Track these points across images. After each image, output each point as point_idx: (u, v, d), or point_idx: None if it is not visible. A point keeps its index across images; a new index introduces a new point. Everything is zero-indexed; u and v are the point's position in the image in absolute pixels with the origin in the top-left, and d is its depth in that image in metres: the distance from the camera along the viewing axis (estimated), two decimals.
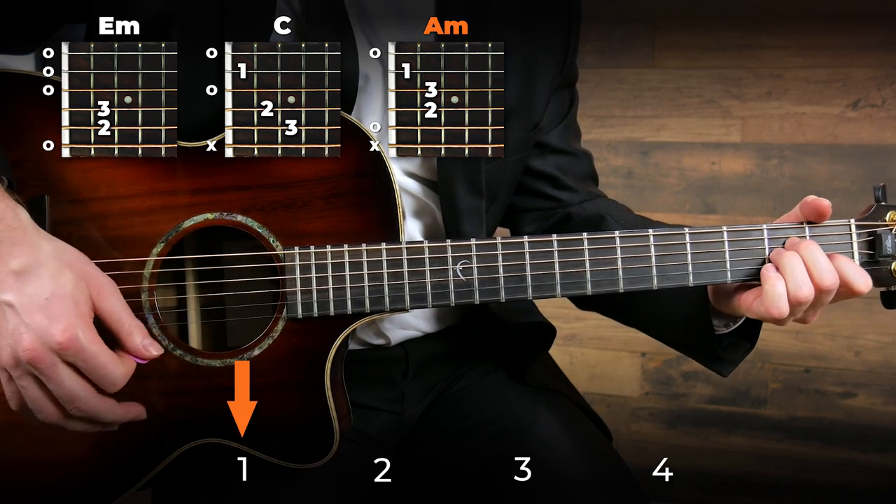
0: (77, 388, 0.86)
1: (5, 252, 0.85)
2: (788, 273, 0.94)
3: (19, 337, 0.84)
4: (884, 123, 2.23)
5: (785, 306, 0.94)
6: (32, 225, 0.87)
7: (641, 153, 2.41)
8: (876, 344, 2.28)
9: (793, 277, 0.93)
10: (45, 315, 0.84)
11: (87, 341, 0.85)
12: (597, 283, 0.97)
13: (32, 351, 0.83)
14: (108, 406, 0.89)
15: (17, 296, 0.84)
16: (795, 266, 0.94)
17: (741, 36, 2.30)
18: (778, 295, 0.93)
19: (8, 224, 0.85)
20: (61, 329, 0.83)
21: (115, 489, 0.98)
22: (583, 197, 1.24)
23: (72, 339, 0.84)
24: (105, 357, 0.86)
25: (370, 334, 1.15)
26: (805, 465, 2.34)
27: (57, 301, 0.84)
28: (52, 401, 0.87)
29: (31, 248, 0.85)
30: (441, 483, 1.14)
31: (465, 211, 1.09)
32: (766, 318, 0.96)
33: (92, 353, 0.85)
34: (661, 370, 2.43)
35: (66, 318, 0.84)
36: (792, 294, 0.93)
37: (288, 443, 0.98)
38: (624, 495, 1.08)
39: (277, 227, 0.96)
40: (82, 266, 0.88)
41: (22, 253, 0.85)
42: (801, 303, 0.93)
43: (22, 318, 0.84)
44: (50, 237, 0.88)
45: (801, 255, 0.94)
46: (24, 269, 0.85)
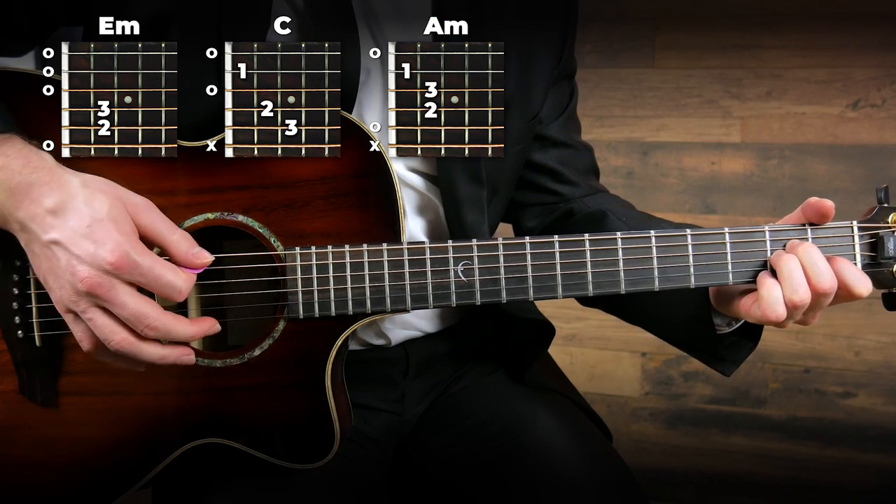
0: (142, 305, 0.86)
1: (36, 193, 0.86)
2: (785, 276, 0.93)
3: (73, 269, 0.85)
4: (884, 123, 2.23)
5: (782, 310, 0.93)
6: (56, 163, 0.89)
7: (641, 153, 2.41)
8: (876, 344, 2.28)
9: (790, 281, 0.93)
10: (90, 241, 0.85)
11: (137, 255, 0.86)
12: (598, 284, 0.97)
13: (89, 278, 0.84)
14: (179, 320, 0.89)
15: (60, 232, 0.85)
16: (793, 269, 0.94)
17: (741, 36, 2.30)
18: (774, 299, 0.93)
19: (35, 166, 0.87)
20: (109, 250, 0.84)
21: (115, 489, 0.98)
22: (584, 191, 1.24)
23: (122, 255, 0.85)
24: (161, 267, 0.87)
25: (371, 334, 1.15)
26: (805, 465, 2.34)
27: (98, 225, 0.85)
28: (121, 325, 0.87)
29: (60, 184, 0.87)
30: (441, 483, 1.14)
31: (466, 200, 1.09)
32: (763, 321, 0.96)
33: (146, 265, 0.86)
34: (661, 370, 2.43)
35: (112, 239, 0.85)
36: (788, 298, 0.93)
37: (288, 443, 0.98)
38: (624, 495, 1.07)
39: (278, 227, 0.96)
40: (113, 189, 0.89)
41: (52, 191, 0.86)
42: (798, 307, 0.93)
43: (71, 251, 0.85)
44: (75, 172, 0.89)
45: (800, 258, 0.94)
46: (59, 205, 0.86)
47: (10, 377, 0.98)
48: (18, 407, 0.98)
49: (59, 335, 0.97)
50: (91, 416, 0.97)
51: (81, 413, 0.97)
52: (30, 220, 0.86)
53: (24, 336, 0.97)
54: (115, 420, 0.97)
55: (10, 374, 0.98)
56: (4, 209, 0.88)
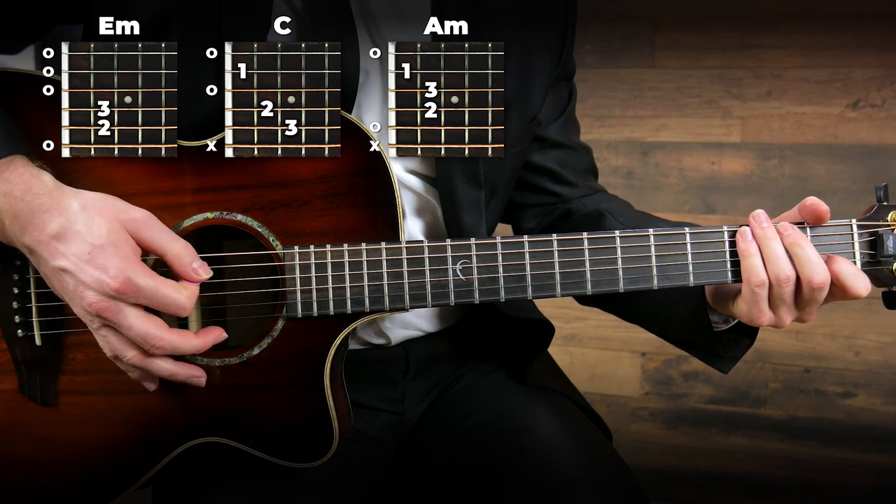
0: (147, 326, 0.89)
1: (39, 220, 0.88)
2: (765, 249, 0.95)
3: (82, 295, 0.88)
4: (884, 123, 2.23)
5: (761, 274, 0.94)
6: (56, 185, 0.91)
7: (641, 153, 2.40)
8: (876, 344, 2.28)
9: (769, 253, 0.94)
10: (94, 267, 0.87)
11: (139, 278, 0.88)
12: (597, 282, 0.97)
13: (96, 304, 0.88)
14: (184, 336, 0.92)
15: (66, 260, 0.88)
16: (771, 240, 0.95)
17: (741, 36, 2.30)
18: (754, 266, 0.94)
19: (36, 193, 0.89)
20: (112, 276, 0.87)
21: (114, 488, 0.98)
22: (583, 192, 1.24)
23: (125, 281, 0.87)
24: (164, 288, 0.89)
25: (371, 334, 1.15)
26: (805, 465, 2.33)
27: (98, 251, 0.87)
28: (130, 345, 0.90)
29: (60, 209, 0.89)
30: (441, 483, 1.14)
31: (465, 202, 1.09)
32: (752, 319, 0.96)
33: (149, 287, 0.88)
34: (661, 370, 2.43)
35: (114, 265, 0.87)
36: (770, 269, 0.94)
37: (288, 442, 0.98)
38: (624, 495, 1.07)
39: (277, 227, 0.96)
40: (111, 209, 0.90)
41: (53, 218, 0.88)
42: (781, 280, 0.94)
43: (78, 278, 0.88)
44: (75, 191, 0.91)
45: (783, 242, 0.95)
46: (61, 231, 0.88)
47: (10, 376, 0.98)
48: (18, 406, 0.98)
49: (59, 334, 0.97)
50: (91, 416, 0.98)
51: (81, 412, 0.98)
52: (36, 245, 0.89)
53: (23, 335, 0.97)
54: (115, 419, 0.97)
55: (9, 373, 0.98)
56: (10, 233, 0.91)
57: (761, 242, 0.95)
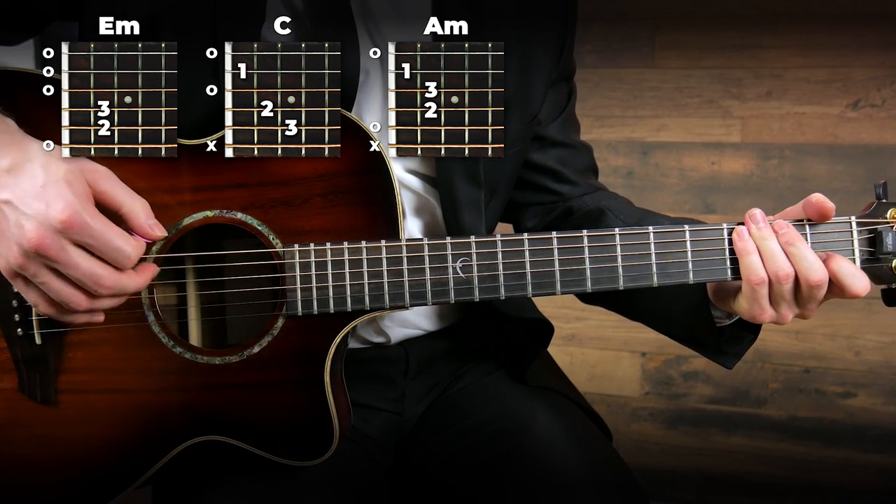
0: (95, 266, 0.85)
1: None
2: (762, 247, 0.95)
3: (21, 230, 0.83)
4: (884, 123, 2.23)
5: (761, 272, 0.94)
6: (19, 130, 0.89)
7: (641, 153, 2.41)
8: (876, 344, 2.28)
9: (766, 251, 0.94)
10: (41, 201, 0.83)
11: (89, 216, 0.84)
12: (597, 280, 0.97)
13: (38, 238, 0.83)
14: (129, 276, 0.88)
15: (11, 191, 0.84)
16: (768, 239, 0.95)
17: (741, 36, 2.30)
18: (753, 263, 0.94)
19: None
20: (60, 209, 0.83)
21: (114, 486, 0.98)
22: (583, 190, 1.24)
23: (73, 214, 0.83)
24: (112, 232, 0.86)
25: (371, 332, 1.15)
26: (805, 465, 2.33)
27: (52, 185, 0.84)
28: (76, 288, 0.86)
29: (20, 148, 0.86)
30: (441, 483, 1.14)
31: (464, 202, 1.09)
32: (754, 317, 0.96)
33: (98, 227, 0.85)
34: (661, 370, 2.43)
35: (64, 198, 0.84)
36: (769, 266, 0.94)
37: (287, 440, 0.98)
38: (624, 495, 1.08)
39: (277, 225, 0.96)
40: (73, 159, 0.88)
41: (10, 153, 0.85)
42: (780, 278, 0.94)
43: (21, 211, 0.83)
44: (38, 140, 0.88)
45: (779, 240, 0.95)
46: (14, 165, 0.85)
47: (10, 375, 0.98)
48: (18, 405, 0.98)
49: (59, 333, 0.97)
50: (90, 414, 0.98)
51: (81, 411, 0.98)
52: None
53: (23, 334, 0.97)
54: (115, 418, 0.97)
55: (9, 371, 0.98)
56: None
57: (758, 241, 0.95)
